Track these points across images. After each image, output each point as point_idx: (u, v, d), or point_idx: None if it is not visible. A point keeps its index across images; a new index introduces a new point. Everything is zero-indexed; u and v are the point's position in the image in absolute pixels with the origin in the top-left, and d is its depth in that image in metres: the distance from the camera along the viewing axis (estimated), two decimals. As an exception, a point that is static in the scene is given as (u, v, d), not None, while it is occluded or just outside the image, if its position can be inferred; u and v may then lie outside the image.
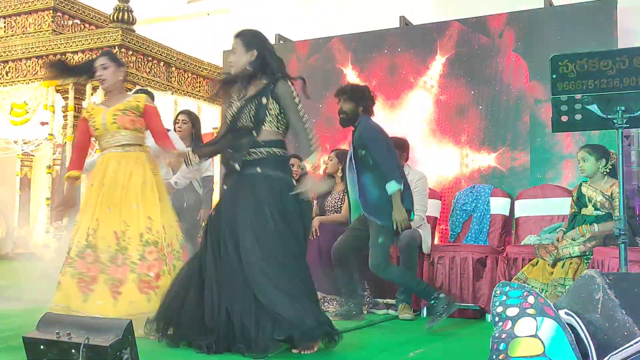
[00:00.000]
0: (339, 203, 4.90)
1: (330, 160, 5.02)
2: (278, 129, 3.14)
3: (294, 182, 3.18)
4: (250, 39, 3.17)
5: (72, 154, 3.95)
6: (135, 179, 3.52)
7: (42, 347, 2.39)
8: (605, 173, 3.98)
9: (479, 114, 5.40)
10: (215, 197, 4.89)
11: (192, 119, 5.02)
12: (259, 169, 3.08)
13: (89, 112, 3.69)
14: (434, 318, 3.76)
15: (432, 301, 3.81)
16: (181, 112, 5.09)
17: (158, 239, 3.45)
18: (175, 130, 4.88)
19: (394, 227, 3.88)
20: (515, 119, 5.26)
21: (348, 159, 4.12)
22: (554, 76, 2.95)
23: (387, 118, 5.72)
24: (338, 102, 4.10)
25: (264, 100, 3.10)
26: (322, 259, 4.58)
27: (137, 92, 4.49)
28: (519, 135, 5.23)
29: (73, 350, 2.31)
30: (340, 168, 4.95)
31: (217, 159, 4.84)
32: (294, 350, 2.87)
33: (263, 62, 3.14)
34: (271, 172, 3.09)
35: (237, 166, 3.10)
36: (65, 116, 6.52)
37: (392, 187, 3.85)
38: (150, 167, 3.63)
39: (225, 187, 3.19)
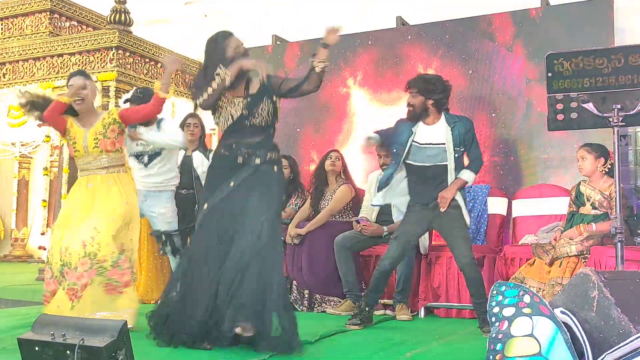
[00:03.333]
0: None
1: (338, 159, 4.96)
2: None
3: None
4: None
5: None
6: (110, 194, 3.50)
7: (36, 348, 2.39)
8: (604, 172, 3.98)
9: (476, 113, 5.39)
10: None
11: (201, 122, 5.02)
12: (275, 168, 3.16)
13: (69, 129, 3.61)
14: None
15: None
16: (191, 116, 5.03)
17: (97, 251, 3.37)
18: (186, 134, 4.87)
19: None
20: (512, 118, 5.26)
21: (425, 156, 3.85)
22: (550, 74, 2.95)
23: (383, 116, 5.72)
24: (409, 93, 3.91)
25: (274, 98, 3.18)
26: (318, 261, 4.61)
27: (137, 91, 4.48)
28: (516, 135, 5.22)
29: (68, 352, 2.30)
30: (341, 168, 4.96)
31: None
32: None
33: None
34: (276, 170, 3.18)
35: (258, 160, 3.10)
36: (62, 118, 6.51)
37: (471, 177, 3.86)
38: (128, 189, 3.60)
39: (232, 183, 3.10)
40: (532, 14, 5.30)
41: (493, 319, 2.19)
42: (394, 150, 3.93)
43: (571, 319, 2.04)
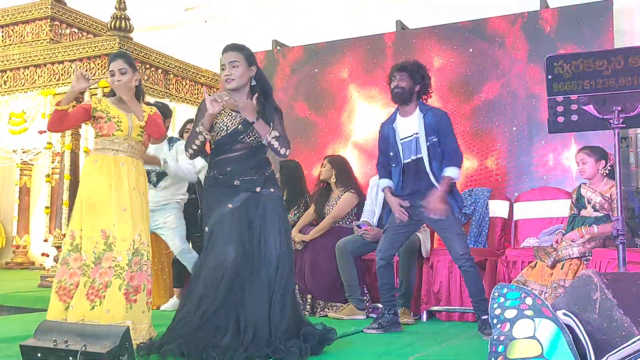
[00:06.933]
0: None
1: (324, 167, 4.99)
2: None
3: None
4: (250, 55, 3.18)
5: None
6: (130, 183, 3.37)
7: (39, 354, 2.39)
8: (604, 175, 3.98)
9: (477, 116, 5.40)
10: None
11: None
12: (272, 189, 3.12)
13: (106, 109, 3.43)
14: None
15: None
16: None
17: (144, 251, 3.30)
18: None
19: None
20: (513, 121, 5.26)
21: (408, 147, 3.81)
22: (550, 77, 2.95)
23: (381, 117, 5.72)
24: (393, 78, 3.85)
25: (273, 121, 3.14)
26: (321, 267, 4.61)
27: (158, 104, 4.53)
28: (517, 137, 5.22)
29: (70, 358, 2.31)
30: (333, 174, 4.94)
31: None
32: None
33: (260, 79, 3.19)
34: (278, 192, 3.18)
35: (258, 189, 3.06)
36: (63, 124, 6.51)
37: (456, 173, 3.76)
38: (144, 178, 3.53)
39: (230, 205, 3.02)
40: (532, 17, 5.30)
41: (495, 321, 2.18)
42: (391, 154, 3.88)
43: (574, 320, 2.04)
